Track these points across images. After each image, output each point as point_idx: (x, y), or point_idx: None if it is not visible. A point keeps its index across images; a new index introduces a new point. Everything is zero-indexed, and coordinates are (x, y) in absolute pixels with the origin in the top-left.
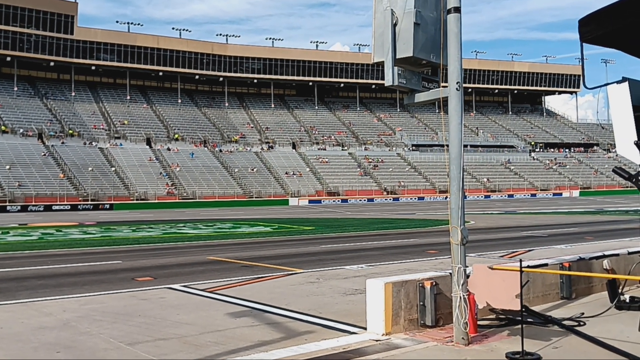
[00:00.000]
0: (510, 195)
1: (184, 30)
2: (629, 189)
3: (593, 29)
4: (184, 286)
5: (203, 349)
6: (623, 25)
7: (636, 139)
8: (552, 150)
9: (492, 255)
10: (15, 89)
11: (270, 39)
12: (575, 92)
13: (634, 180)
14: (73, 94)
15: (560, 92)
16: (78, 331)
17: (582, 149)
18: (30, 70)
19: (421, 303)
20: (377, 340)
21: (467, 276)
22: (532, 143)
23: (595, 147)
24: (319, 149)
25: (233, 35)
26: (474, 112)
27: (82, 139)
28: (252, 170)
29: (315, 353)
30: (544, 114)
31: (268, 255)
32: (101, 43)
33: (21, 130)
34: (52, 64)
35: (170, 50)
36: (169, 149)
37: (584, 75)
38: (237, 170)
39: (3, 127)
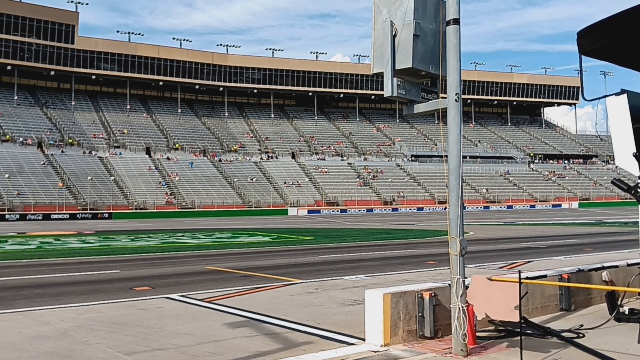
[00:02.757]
0: (509, 206)
1: (184, 40)
2: (627, 200)
3: (591, 41)
4: (182, 296)
5: None
6: (621, 38)
7: (635, 151)
8: (551, 161)
9: (491, 266)
10: (16, 97)
11: (270, 49)
12: (574, 104)
13: (632, 191)
14: (73, 103)
15: (559, 104)
16: (75, 341)
17: (581, 160)
18: (31, 79)
19: (420, 314)
20: (375, 351)
21: (466, 287)
22: (531, 154)
23: (594, 159)
24: (318, 159)
25: (233, 46)
26: (473, 123)
27: (82, 148)
28: (252, 180)
29: None
30: (543, 125)
31: (267, 265)
32: (102, 52)
33: (21, 139)
34: (52, 73)
35: (170, 60)
36: (168, 159)
37: (582, 87)
38: (236, 179)
39: (7, 137)
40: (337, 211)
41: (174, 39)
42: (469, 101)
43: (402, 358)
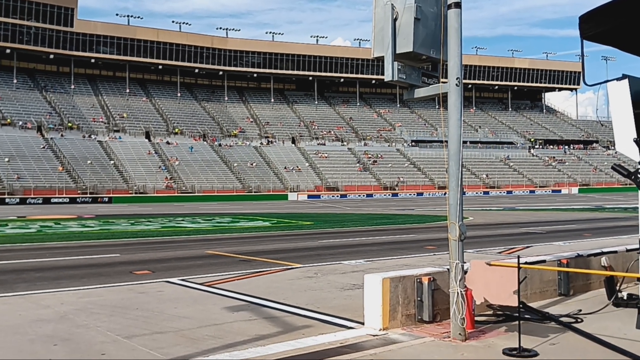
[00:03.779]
0: (509, 192)
1: (184, 23)
2: (627, 186)
3: (593, 25)
4: (182, 280)
5: (200, 343)
6: (622, 23)
7: (635, 136)
8: (551, 147)
9: (490, 251)
10: (15, 81)
11: (270, 33)
12: (576, 89)
13: (632, 177)
14: (72, 86)
15: (560, 89)
16: (75, 324)
17: (582, 146)
18: (30, 63)
19: (419, 298)
20: (374, 335)
21: (465, 272)
22: (532, 140)
23: (594, 144)
24: (318, 144)
25: (233, 29)
26: (474, 108)
27: (81, 132)
28: (251, 164)
29: (312, 348)
30: (544, 110)
31: (266, 249)
32: (101, 36)
33: (20, 123)
34: (51, 56)
35: (170, 43)
36: (168, 143)
37: (584, 72)
38: (236, 164)
39: (7, 121)
40: (337, 196)
41: (173, 22)
42: (469, 86)
43: (400, 342)
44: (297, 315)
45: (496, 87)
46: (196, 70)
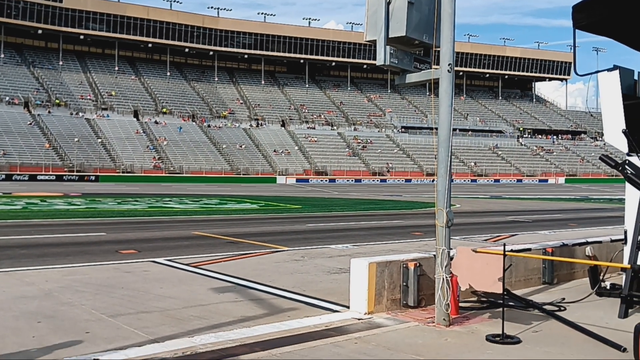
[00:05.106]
0: (497, 180)
1: (175, 1)
2: (614, 177)
3: (586, 15)
4: (168, 260)
5: (185, 323)
6: (615, 13)
7: (624, 128)
8: (540, 136)
9: (476, 238)
10: (2, 56)
11: (262, 14)
12: (566, 80)
13: (620, 168)
14: (61, 63)
15: (550, 79)
16: (60, 301)
17: (570, 136)
18: (18, 38)
19: (404, 284)
20: (359, 319)
21: (451, 258)
22: (521, 129)
23: (583, 135)
24: (308, 128)
25: (225, 9)
26: (464, 95)
27: (69, 109)
28: (241, 146)
29: (297, 330)
30: (534, 100)
31: (254, 232)
32: (90, 12)
33: (7, 98)
34: (40, 31)
35: (160, 21)
36: (156, 122)
37: (575, 62)
38: (225, 146)
39: None
40: (326, 181)
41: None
42: (460, 73)
43: (385, 326)
44: (283, 298)
45: (487, 75)
46: (186, 50)
